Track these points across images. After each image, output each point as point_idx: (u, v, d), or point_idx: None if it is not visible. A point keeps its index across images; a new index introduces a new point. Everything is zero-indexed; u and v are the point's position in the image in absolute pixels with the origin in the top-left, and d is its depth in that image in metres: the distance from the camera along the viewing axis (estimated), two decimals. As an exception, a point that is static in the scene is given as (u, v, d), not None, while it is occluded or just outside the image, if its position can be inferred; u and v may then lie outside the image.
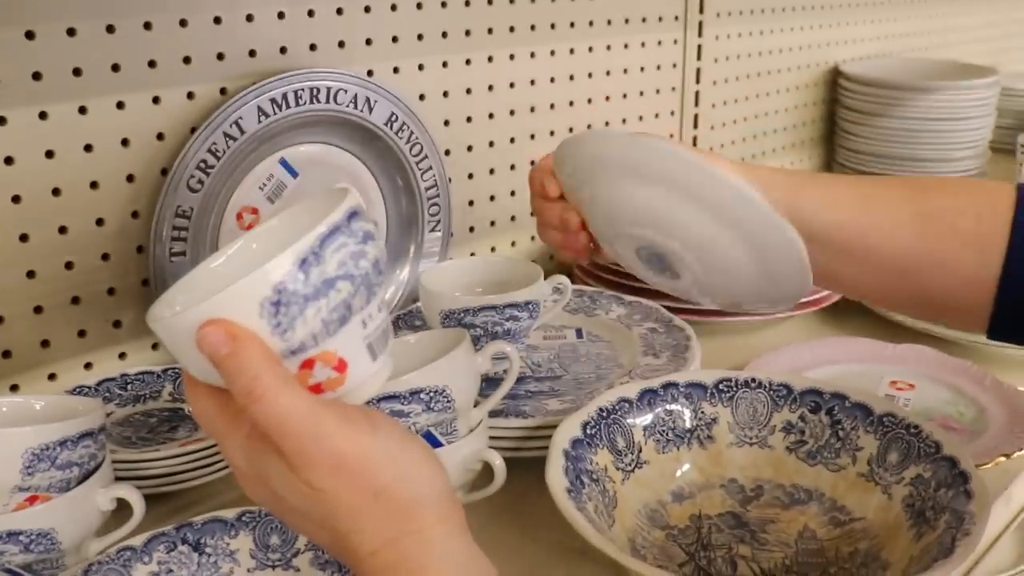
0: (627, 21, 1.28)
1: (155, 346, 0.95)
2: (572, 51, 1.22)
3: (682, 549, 0.74)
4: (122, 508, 0.70)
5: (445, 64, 1.10)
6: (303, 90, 0.94)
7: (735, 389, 0.83)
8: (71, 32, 0.84)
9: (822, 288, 0.82)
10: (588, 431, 0.76)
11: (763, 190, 0.67)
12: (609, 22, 1.26)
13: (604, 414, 0.78)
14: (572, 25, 1.21)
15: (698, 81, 1.41)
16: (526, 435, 0.82)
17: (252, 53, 0.94)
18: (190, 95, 0.91)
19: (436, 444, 0.72)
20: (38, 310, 0.87)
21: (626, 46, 1.29)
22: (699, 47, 1.40)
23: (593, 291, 1.10)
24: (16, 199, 0.84)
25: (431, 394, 0.70)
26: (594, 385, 0.91)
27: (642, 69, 1.32)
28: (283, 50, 0.96)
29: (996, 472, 0.86)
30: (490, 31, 1.13)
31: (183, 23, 0.89)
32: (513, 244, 1.24)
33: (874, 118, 1.61)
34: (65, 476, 0.67)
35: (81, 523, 0.68)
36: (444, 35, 1.08)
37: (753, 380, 0.83)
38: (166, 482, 0.78)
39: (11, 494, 0.65)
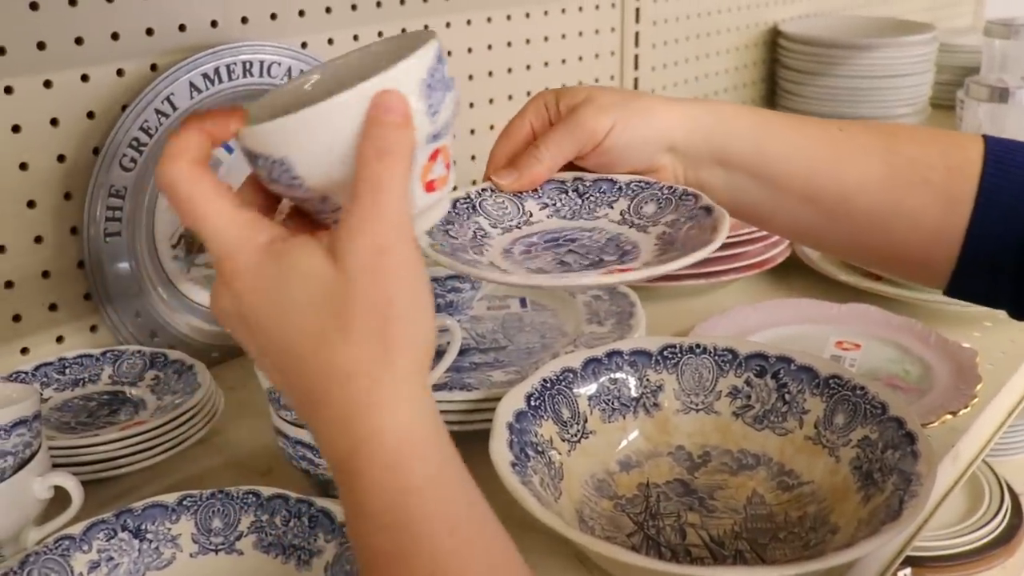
0: (565, -14, 1.27)
1: (93, 328, 0.93)
2: (509, 17, 1.21)
3: (630, 519, 0.74)
4: (62, 496, 0.69)
5: (380, 34, 1.08)
6: (235, 64, 0.92)
7: (680, 355, 0.83)
8: (-9, 9, 0.81)
9: (788, 239, 0.79)
10: (532, 403, 0.76)
11: (729, 126, 0.67)
12: (547, -13, 1.25)
13: (548, 385, 0.78)
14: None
15: (637, 45, 1.41)
16: (471, 408, 0.81)
17: (182, 27, 0.92)
18: (119, 72, 0.89)
19: (380, 421, 0.71)
20: (-31, 296, 0.85)
21: (563, 11, 1.28)
22: (637, 10, 1.39)
23: (538, 259, 1.09)
24: (-59, 183, 0.82)
25: (373, 371, 0.69)
26: (539, 355, 0.91)
27: (580, 34, 1.31)
28: (214, 24, 0.94)
29: (943, 430, 0.87)
30: (425, 0, 1.11)
31: (109, -2, 0.87)
32: (458, 214, 1.24)
33: (814, 77, 1.61)
34: (0, 466, 0.65)
35: (18, 513, 0.67)
36: (378, 4, 1.07)
37: (698, 346, 0.83)
38: (106, 467, 0.76)
39: (-56, 488, 0.64)
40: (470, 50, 1.18)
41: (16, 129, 0.84)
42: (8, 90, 0.83)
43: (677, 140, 0.69)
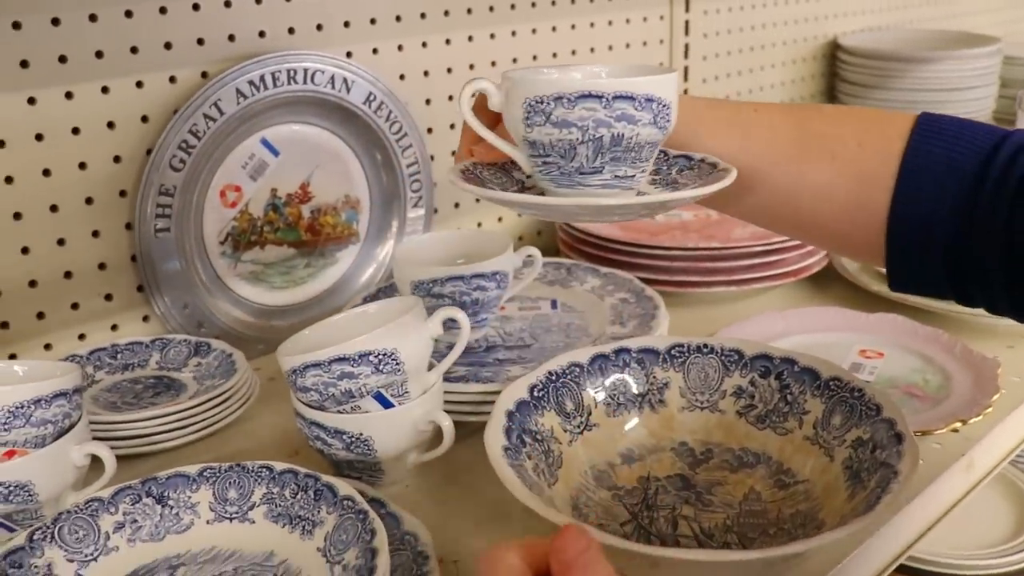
0: (611, -1, 1.31)
1: (146, 318, 1.00)
2: (554, 29, 1.25)
3: (626, 509, 0.77)
4: (100, 467, 0.75)
5: (425, 44, 1.13)
6: (280, 72, 0.98)
7: (687, 355, 0.86)
8: (55, 22, 0.88)
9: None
10: (535, 394, 0.80)
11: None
12: None
13: (553, 378, 0.82)
14: (553, 3, 1.24)
15: (686, 57, 1.43)
16: (484, 399, 0.85)
17: (231, 38, 0.98)
18: (172, 79, 0.96)
19: (387, 405, 0.76)
20: (33, 284, 0.92)
21: (610, 23, 1.31)
22: (686, 23, 1.42)
23: (571, 263, 1.13)
24: (9, 180, 0.89)
25: (380, 357, 0.74)
26: (560, 353, 0.95)
27: (628, 46, 1.34)
28: (262, 34, 1.00)
29: (956, 439, 0.88)
30: (469, 11, 1.16)
31: (163, 11, 0.94)
32: (500, 220, 1.28)
33: (874, 90, 1.61)
34: (40, 433, 0.72)
35: (57, 477, 0.73)
36: (423, 16, 1.12)
37: (705, 346, 0.86)
38: (142, 443, 0.83)
39: (-11, 450, 0.71)
40: (515, 60, 1.23)
41: (76, 131, 0.92)
42: (69, 95, 0.90)
43: None
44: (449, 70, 1.16)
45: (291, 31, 1.02)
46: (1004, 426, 0.92)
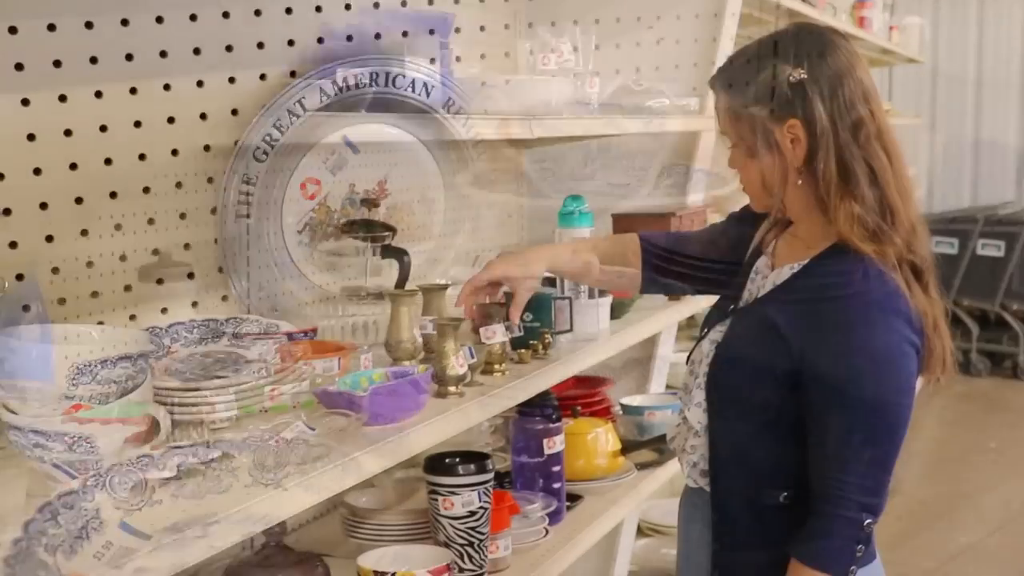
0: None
1: (224, 297, 1.07)
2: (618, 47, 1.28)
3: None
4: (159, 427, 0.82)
5: (507, 54, 1.17)
6: (363, 74, 1.04)
7: None
8: (159, 20, 0.96)
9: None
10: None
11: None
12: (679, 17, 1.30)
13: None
14: (618, 21, 1.27)
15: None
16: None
17: (320, 40, 1.05)
18: (263, 76, 1.03)
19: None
20: (123, 259, 1.00)
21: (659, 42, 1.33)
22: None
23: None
24: (108, 162, 0.97)
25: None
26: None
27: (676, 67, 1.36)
28: (349, 38, 1.06)
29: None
30: (553, 24, 1.20)
31: (258, 13, 1.01)
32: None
33: None
34: (104, 391, 0.79)
35: (116, 432, 0.80)
36: (507, 27, 1.17)
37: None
38: (200, 411, 0.88)
39: (59, 401, 0.78)
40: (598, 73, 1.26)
41: (171, 121, 0.99)
42: (167, 87, 0.98)
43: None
44: (530, 78, 1.20)
45: (377, 36, 1.08)
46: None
